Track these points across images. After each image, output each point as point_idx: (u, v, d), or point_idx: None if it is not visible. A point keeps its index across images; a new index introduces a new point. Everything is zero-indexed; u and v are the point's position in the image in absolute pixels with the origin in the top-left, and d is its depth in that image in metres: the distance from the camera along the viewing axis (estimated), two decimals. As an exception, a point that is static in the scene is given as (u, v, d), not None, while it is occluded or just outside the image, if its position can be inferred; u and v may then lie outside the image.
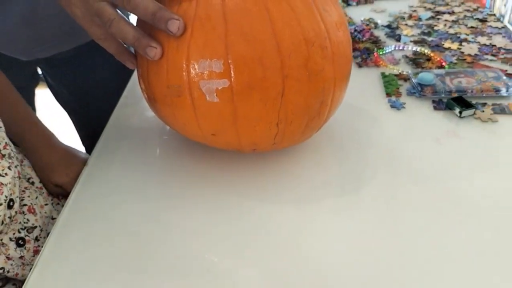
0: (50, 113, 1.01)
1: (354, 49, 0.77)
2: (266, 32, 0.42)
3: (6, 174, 0.46)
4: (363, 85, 0.69)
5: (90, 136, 0.77)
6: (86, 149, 0.87)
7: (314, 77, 0.45)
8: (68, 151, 0.61)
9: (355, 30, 0.83)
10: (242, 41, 0.42)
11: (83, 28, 0.47)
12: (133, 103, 0.67)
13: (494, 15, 0.88)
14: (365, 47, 0.78)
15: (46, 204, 0.55)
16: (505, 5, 0.85)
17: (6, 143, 0.48)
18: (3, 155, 0.47)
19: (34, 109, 0.80)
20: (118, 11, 0.45)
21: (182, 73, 0.44)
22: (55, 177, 0.57)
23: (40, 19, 0.64)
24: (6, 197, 0.46)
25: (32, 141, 0.58)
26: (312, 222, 0.47)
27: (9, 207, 0.47)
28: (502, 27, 0.84)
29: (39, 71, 0.83)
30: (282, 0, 0.43)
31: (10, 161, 0.47)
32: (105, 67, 0.76)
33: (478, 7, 0.92)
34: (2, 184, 0.45)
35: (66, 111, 0.88)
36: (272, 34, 0.43)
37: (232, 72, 0.43)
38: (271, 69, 0.43)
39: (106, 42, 0.47)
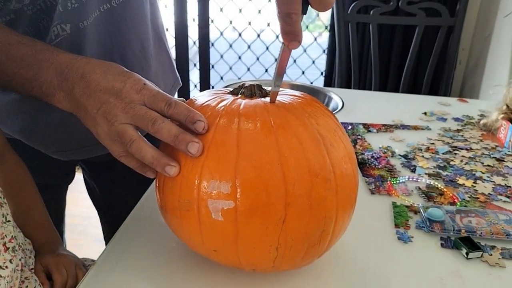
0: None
1: (369, 175, 0.80)
2: (273, 161, 0.46)
3: (6, 267, 0.49)
4: (373, 212, 0.70)
5: (111, 232, 0.80)
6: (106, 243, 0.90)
7: (316, 206, 0.47)
8: (68, 259, 0.65)
9: (372, 157, 0.86)
10: (251, 168, 0.46)
11: (104, 145, 0.52)
12: (150, 208, 0.71)
13: (512, 155, 0.91)
14: (379, 174, 0.81)
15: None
16: (522, 148, 0.88)
17: (12, 236, 0.51)
18: (7, 248, 0.50)
19: (63, 204, 0.85)
20: (138, 133, 0.50)
21: (193, 190, 0.47)
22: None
23: (76, 124, 0.71)
24: None
25: (38, 242, 0.61)
26: None
27: None
28: (519, 169, 0.85)
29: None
30: (292, 135, 0.47)
31: (13, 254, 0.50)
32: (135, 174, 0.82)
33: (496, 146, 0.95)
34: (1, 276, 0.48)
35: (93, 204, 0.93)
36: (279, 164, 0.46)
37: (238, 194, 0.46)
38: (275, 195, 0.46)
39: (126, 159, 0.51)
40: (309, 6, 0.48)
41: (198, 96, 0.56)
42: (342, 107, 0.87)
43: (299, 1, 0.47)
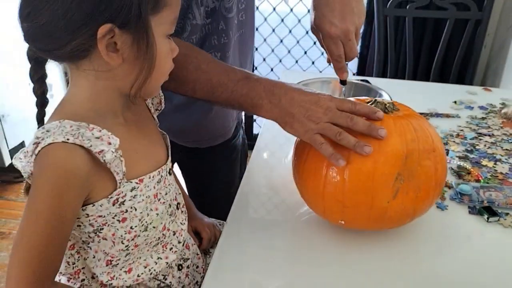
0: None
1: (412, 158, 1.03)
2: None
3: (182, 223, 0.74)
4: (417, 187, 0.94)
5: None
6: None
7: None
8: (208, 221, 0.90)
9: (413, 143, 1.09)
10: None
11: (307, 139, 0.71)
12: (251, 185, 0.95)
13: (527, 141, 1.12)
14: (420, 157, 1.04)
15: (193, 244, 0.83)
16: (535, 135, 1.09)
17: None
18: (182, 211, 0.76)
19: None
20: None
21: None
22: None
23: (211, 121, 0.96)
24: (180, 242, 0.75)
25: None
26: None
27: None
28: (532, 152, 1.07)
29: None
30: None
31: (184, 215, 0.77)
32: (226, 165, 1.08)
33: (514, 133, 1.16)
34: (182, 230, 0.74)
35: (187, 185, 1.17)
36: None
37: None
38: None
39: (325, 146, 0.68)
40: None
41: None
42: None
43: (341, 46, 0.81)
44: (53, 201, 0.56)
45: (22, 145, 2.36)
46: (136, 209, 0.65)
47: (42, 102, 0.66)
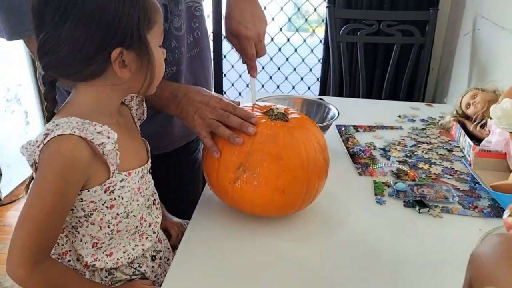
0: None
1: (357, 163, 1.17)
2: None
3: (156, 217, 0.86)
4: (360, 187, 1.06)
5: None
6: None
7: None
8: (176, 220, 1.02)
9: (360, 150, 1.23)
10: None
11: (197, 132, 0.90)
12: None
13: (459, 146, 1.28)
14: (365, 162, 1.17)
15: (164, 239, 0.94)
16: (465, 141, 1.24)
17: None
18: (157, 208, 0.87)
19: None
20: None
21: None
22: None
23: (173, 125, 1.09)
24: (154, 232, 0.85)
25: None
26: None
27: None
28: (462, 156, 1.22)
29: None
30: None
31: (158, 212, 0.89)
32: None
33: (449, 140, 1.32)
34: (157, 222, 0.85)
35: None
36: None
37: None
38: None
39: (207, 140, 0.87)
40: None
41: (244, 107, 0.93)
42: (338, 115, 1.23)
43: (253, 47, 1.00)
44: (59, 183, 0.68)
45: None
46: (122, 198, 0.76)
47: (51, 117, 0.77)
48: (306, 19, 2.65)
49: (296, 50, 2.58)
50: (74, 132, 0.68)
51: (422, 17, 2.04)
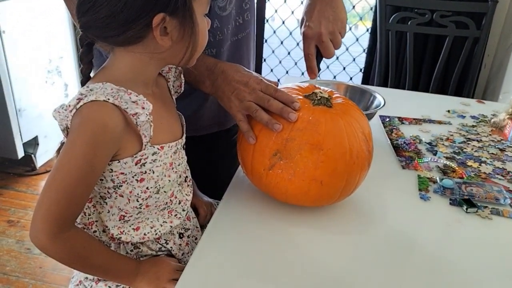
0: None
1: (401, 156, 1.10)
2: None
3: (187, 194, 0.82)
4: (403, 181, 1.00)
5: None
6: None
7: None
8: (206, 199, 0.99)
9: (404, 143, 1.16)
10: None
11: (232, 115, 0.84)
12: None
13: (513, 147, 1.19)
14: (409, 155, 1.10)
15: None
16: (520, 142, 1.15)
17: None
18: (188, 185, 0.83)
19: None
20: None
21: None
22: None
23: (208, 109, 1.04)
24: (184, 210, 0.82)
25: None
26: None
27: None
28: (516, 157, 1.13)
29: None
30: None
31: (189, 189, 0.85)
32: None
33: (501, 140, 1.23)
34: (187, 200, 0.82)
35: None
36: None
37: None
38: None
39: (243, 123, 0.82)
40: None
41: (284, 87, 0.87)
42: (384, 104, 1.16)
43: (314, 46, 0.94)
44: (89, 150, 0.65)
45: (35, 139, 2.45)
46: (154, 172, 0.73)
47: (86, 81, 0.74)
48: (353, 6, 2.55)
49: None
50: (108, 99, 0.65)
51: (479, 9, 1.92)
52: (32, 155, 2.45)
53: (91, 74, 0.74)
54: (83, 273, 0.78)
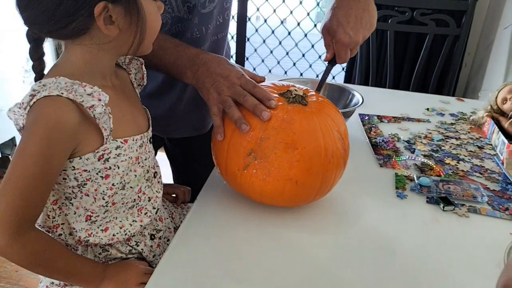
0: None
1: (379, 154, 1.09)
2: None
3: (158, 191, 0.80)
4: (380, 179, 0.99)
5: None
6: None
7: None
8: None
9: (382, 141, 1.15)
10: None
11: (209, 106, 0.82)
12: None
13: (491, 144, 1.18)
14: (387, 153, 1.09)
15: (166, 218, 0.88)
16: (498, 138, 1.15)
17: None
18: (159, 182, 0.81)
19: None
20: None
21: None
22: None
23: (182, 111, 1.02)
24: (154, 208, 0.79)
25: None
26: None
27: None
28: (494, 154, 1.13)
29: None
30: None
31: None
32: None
33: (480, 137, 1.23)
34: (157, 197, 0.79)
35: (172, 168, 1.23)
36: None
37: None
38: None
39: (216, 118, 0.81)
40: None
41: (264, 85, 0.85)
42: (362, 102, 1.15)
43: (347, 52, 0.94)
44: (43, 148, 0.62)
45: (12, 140, 2.40)
46: (119, 167, 0.71)
47: (40, 78, 0.71)
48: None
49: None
50: (62, 93, 0.62)
51: (459, 7, 1.92)
52: (10, 156, 2.40)
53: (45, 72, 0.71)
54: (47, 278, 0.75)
